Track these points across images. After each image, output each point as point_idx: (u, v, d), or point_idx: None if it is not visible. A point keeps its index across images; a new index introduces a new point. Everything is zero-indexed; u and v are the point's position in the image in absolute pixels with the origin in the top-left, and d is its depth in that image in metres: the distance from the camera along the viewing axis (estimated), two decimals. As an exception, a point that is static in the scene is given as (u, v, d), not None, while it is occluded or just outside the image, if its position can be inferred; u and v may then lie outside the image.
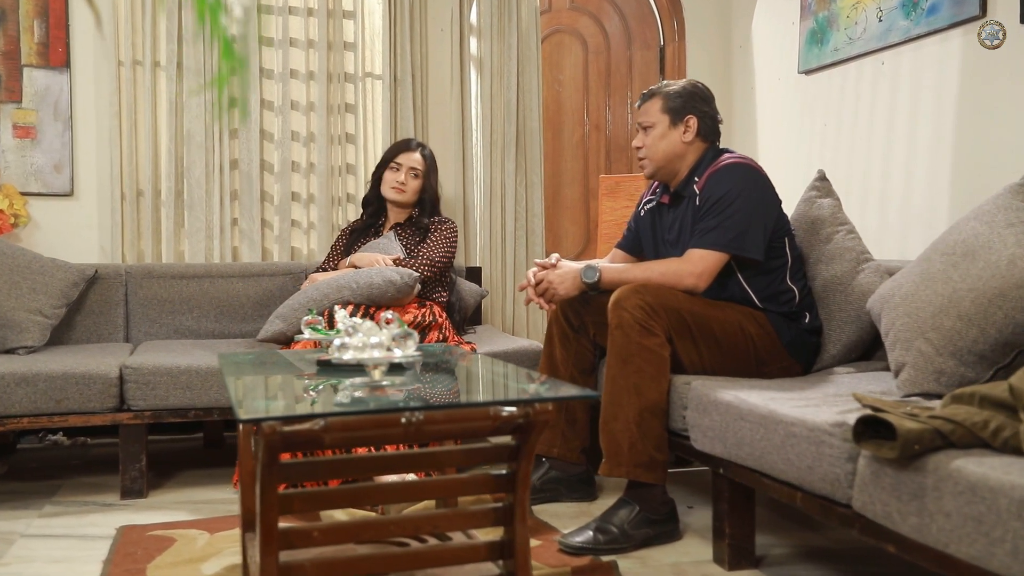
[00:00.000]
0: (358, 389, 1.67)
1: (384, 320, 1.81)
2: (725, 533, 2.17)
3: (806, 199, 2.77)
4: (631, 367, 2.34)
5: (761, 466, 1.95)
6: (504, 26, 4.00)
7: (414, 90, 3.90)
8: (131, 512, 2.69)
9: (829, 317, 2.56)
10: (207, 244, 3.69)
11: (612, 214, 3.54)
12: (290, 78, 3.81)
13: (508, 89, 4.00)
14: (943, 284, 2.06)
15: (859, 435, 1.60)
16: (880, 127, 3.31)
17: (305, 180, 3.85)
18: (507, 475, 1.79)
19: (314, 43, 3.83)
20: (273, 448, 1.55)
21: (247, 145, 3.75)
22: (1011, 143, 2.73)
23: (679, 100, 2.62)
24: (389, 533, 1.76)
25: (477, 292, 3.56)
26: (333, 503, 1.72)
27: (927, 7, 3.07)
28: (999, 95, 2.77)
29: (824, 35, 3.61)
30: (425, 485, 1.79)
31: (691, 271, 2.46)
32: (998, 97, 2.78)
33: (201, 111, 3.67)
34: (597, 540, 2.29)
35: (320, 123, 3.81)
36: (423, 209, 3.38)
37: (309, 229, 3.87)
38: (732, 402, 2.06)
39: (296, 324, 2.90)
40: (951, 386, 1.99)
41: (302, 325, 2.21)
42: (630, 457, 2.33)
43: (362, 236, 3.37)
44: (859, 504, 1.63)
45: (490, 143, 4.00)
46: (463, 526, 1.81)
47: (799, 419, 1.81)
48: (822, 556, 2.28)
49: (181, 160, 3.69)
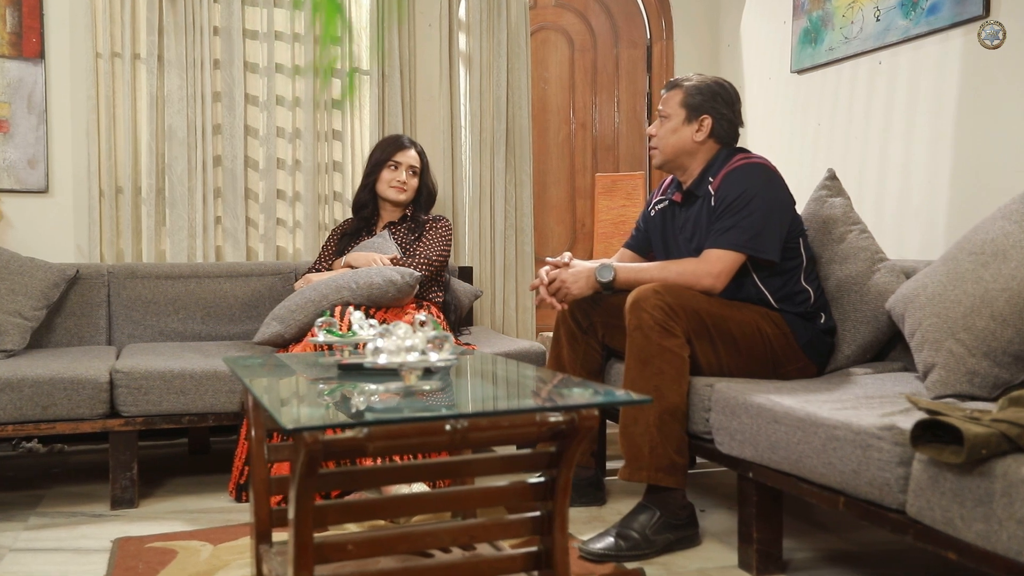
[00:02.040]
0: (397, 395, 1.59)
1: (418, 322, 1.74)
2: (753, 538, 2.13)
3: (816, 198, 2.74)
4: (651, 369, 2.29)
5: (798, 470, 1.91)
6: (493, 22, 3.93)
7: (402, 86, 3.81)
8: (124, 523, 2.57)
9: (844, 317, 2.54)
10: (189, 243, 3.56)
11: (609, 213, 3.50)
12: (275, 72, 3.69)
13: (497, 86, 3.93)
14: (973, 284, 2.04)
15: (916, 439, 1.56)
16: (877, 127, 3.31)
17: (291, 177, 3.74)
18: (547, 483, 1.73)
19: (300, 36, 3.72)
20: (314, 458, 1.47)
21: (231, 141, 3.63)
22: (1013, 144, 2.73)
23: (698, 97, 2.58)
24: (425, 545, 1.68)
25: (471, 292, 3.48)
26: (369, 514, 1.64)
27: (927, 7, 3.07)
28: (1001, 95, 2.78)
29: (818, 34, 3.60)
30: (463, 495, 1.72)
31: (709, 271, 2.42)
32: (1000, 97, 2.78)
33: (183, 106, 3.55)
34: (619, 546, 2.24)
35: (306, 119, 3.71)
36: (418, 207, 3.30)
37: (295, 228, 3.76)
38: (765, 405, 2.02)
39: (295, 326, 2.80)
40: (985, 387, 1.98)
41: (316, 327, 2.12)
42: (651, 461, 2.28)
43: (354, 238, 3.26)
44: (914, 510, 1.60)
45: (479, 141, 3.93)
46: (501, 536, 1.74)
47: (843, 422, 1.77)
48: (847, 560, 2.25)
49: (162, 156, 3.56)
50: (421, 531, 1.69)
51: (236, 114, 3.63)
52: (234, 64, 3.62)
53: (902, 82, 3.19)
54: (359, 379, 1.82)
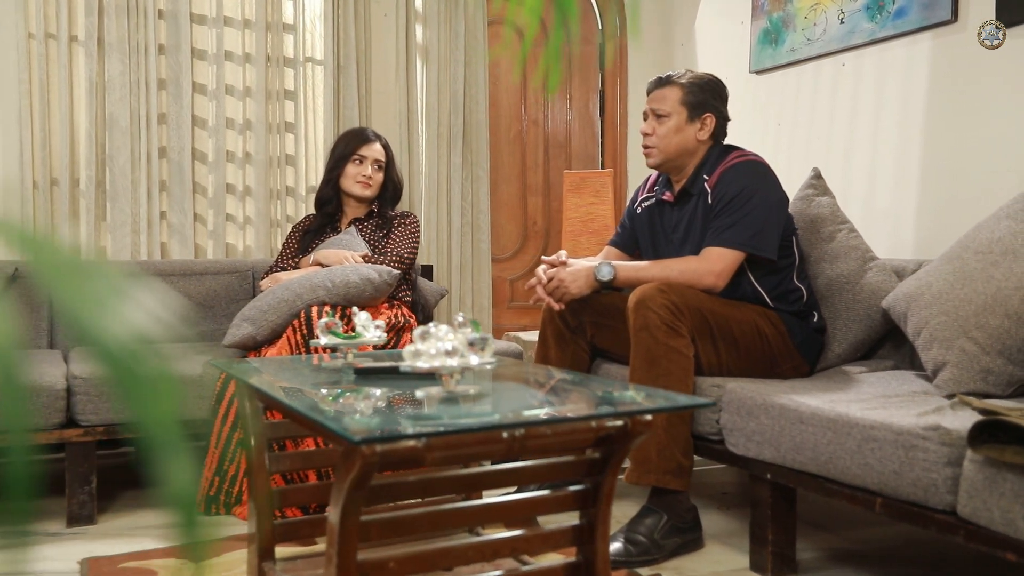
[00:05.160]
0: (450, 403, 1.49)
1: (456, 323, 1.64)
2: (767, 540, 2.10)
3: (803, 197, 2.75)
4: (658, 369, 2.24)
5: (827, 471, 1.88)
6: (451, 14, 3.83)
7: (358, 77, 3.67)
8: (85, 542, 2.37)
9: (835, 316, 2.55)
10: (133, 239, 3.35)
11: (577, 211, 3.44)
12: (225, 60, 3.50)
13: (455, 80, 3.83)
14: (984, 283, 2.06)
15: (973, 439, 1.55)
16: (841, 128, 3.35)
17: (241, 171, 3.55)
18: (590, 490, 1.65)
19: (251, 23, 3.54)
20: (369, 469, 1.35)
21: (177, 132, 3.43)
22: (982, 145, 2.79)
23: (700, 95, 2.54)
24: (466, 559, 1.59)
25: (437, 291, 3.37)
26: (414, 529, 1.53)
27: (894, 10, 3.12)
28: (971, 98, 2.84)
29: (779, 35, 3.62)
30: (507, 505, 1.63)
31: (711, 270, 2.38)
32: (970, 99, 2.84)
33: (126, 92, 3.32)
34: (629, 551, 2.18)
35: (258, 110, 3.53)
36: (384, 202, 3.17)
37: (245, 224, 3.57)
38: (788, 405, 1.99)
39: (267, 327, 2.65)
40: (999, 385, 2.00)
41: (318, 329, 1.99)
42: (659, 464, 2.23)
43: (318, 235, 3.11)
44: (967, 511, 1.59)
45: (436, 136, 3.82)
46: (543, 548, 1.67)
47: (882, 423, 1.76)
48: (856, 560, 2.25)
49: (103, 146, 3.33)
50: (463, 545, 1.59)
51: (183, 103, 3.43)
52: (181, 50, 3.42)
53: (868, 84, 3.24)
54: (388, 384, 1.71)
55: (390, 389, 1.67)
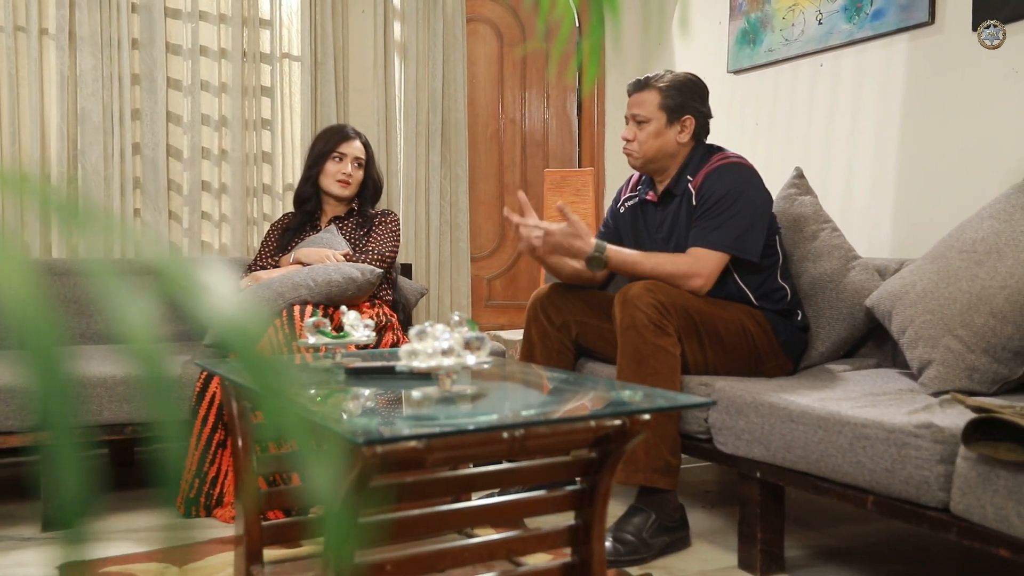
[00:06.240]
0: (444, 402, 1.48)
1: (452, 322, 1.62)
2: (756, 538, 2.11)
3: (786, 196, 2.76)
4: (646, 368, 2.24)
5: (818, 469, 1.89)
6: (429, 10, 3.80)
7: (336, 74, 3.63)
8: (62, 546, 2.32)
9: (818, 315, 2.56)
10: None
11: (557, 210, 3.43)
12: (200, 55, 3.45)
13: (433, 77, 3.81)
14: (968, 282, 2.08)
15: (967, 437, 1.56)
16: (819, 128, 3.37)
17: (216, 168, 3.50)
18: (586, 490, 1.65)
19: (226, 18, 3.49)
20: (368, 471, 1.34)
21: (151, 128, 3.37)
22: (958, 146, 2.82)
23: (678, 98, 2.54)
24: (464, 561, 1.57)
25: (417, 290, 3.35)
26: (414, 531, 1.51)
27: (871, 12, 3.14)
28: (947, 99, 2.87)
29: (757, 36, 3.64)
30: (507, 505, 1.62)
31: (699, 272, 2.38)
32: (946, 101, 2.87)
33: (98, 87, 3.26)
34: (618, 551, 2.17)
35: (233, 106, 3.48)
36: (364, 200, 3.14)
37: (221, 222, 3.52)
38: (778, 403, 2.00)
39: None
40: (984, 383, 2.02)
41: (306, 329, 1.96)
42: (647, 463, 2.23)
43: (297, 234, 3.07)
44: (961, 507, 1.60)
45: (415, 134, 3.79)
46: (539, 549, 1.65)
47: (873, 421, 1.77)
48: (842, 557, 2.26)
49: (74, 142, 3.27)
50: (459, 547, 1.58)
51: (157, 99, 3.37)
52: (155, 44, 3.36)
53: (846, 85, 3.26)
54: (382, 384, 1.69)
55: (384, 389, 1.65)
